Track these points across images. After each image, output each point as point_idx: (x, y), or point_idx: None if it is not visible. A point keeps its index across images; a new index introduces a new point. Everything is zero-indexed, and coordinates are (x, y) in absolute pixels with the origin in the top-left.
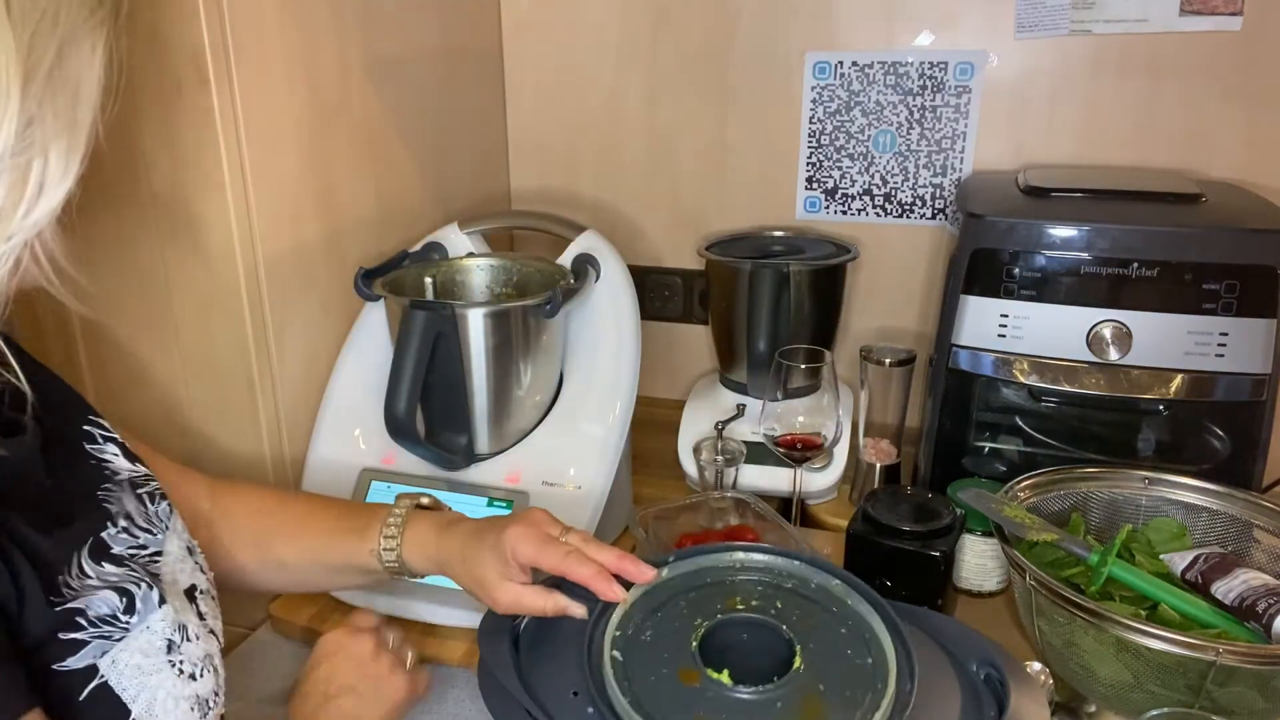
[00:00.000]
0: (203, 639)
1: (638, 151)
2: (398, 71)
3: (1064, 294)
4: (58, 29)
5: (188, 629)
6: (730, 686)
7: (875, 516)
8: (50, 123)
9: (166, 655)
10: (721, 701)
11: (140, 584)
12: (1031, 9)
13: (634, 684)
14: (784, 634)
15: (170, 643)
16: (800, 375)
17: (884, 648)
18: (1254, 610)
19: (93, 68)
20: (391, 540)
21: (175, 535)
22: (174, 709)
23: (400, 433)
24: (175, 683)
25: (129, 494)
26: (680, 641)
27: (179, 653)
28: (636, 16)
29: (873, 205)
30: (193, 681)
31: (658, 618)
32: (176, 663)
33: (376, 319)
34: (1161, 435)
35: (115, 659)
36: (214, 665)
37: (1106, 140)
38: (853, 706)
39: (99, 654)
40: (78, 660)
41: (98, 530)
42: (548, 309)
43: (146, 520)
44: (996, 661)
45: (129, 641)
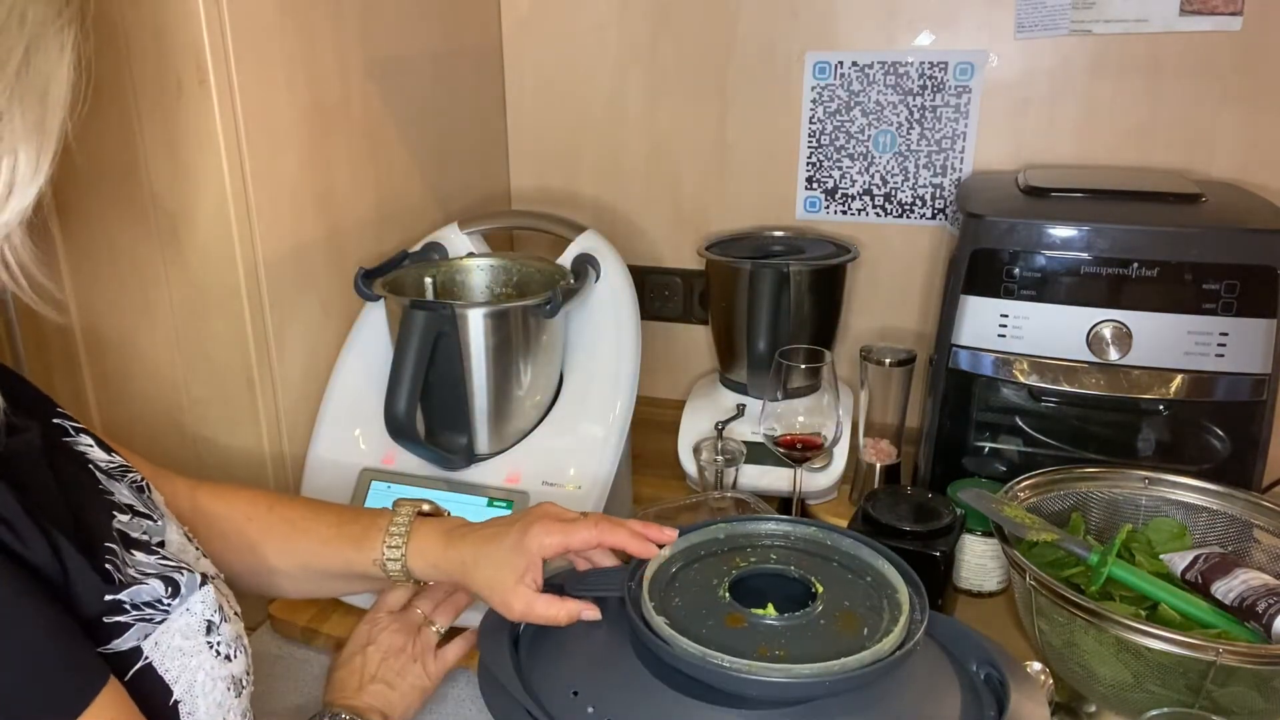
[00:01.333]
0: (231, 620)
1: (638, 151)
2: (398, 71)
3: (1064, 294)
4: (25, 29)
5: (224, 608)
6: (775, 617)
7: (875, 516)
8: (19, 123)
9: (205, 636)
10: (772, 632)
11: (182, 570)
12: (1031, 9)
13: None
14: (799, 577)
15: (209, 624)
16: (800, 375)
17: (890, 580)
18: (1254, 610)
19: (61, 67)
20: (396, 550)
21: (171, 523)
22: (212, 689)
23: (400, 433)
24: (213, 663)
25: (120, 483)
26: (710, 597)
27: (217, 634)
28: (636, 16)
29: (873, 205)
30: (228, 662)
31: (677, 586)
32: (214, 644)
33: (376, 319)
34: (1161, 435)
35: (158, 641)
36: (244, 645)
37: (1106, 140)
38: (879, 614)
39: (142, 636)
40: (123, 642)
41: (113, 519)
42: (548, 309)
43: (145, 507)
44: (996, 661)
45: (170, 624)
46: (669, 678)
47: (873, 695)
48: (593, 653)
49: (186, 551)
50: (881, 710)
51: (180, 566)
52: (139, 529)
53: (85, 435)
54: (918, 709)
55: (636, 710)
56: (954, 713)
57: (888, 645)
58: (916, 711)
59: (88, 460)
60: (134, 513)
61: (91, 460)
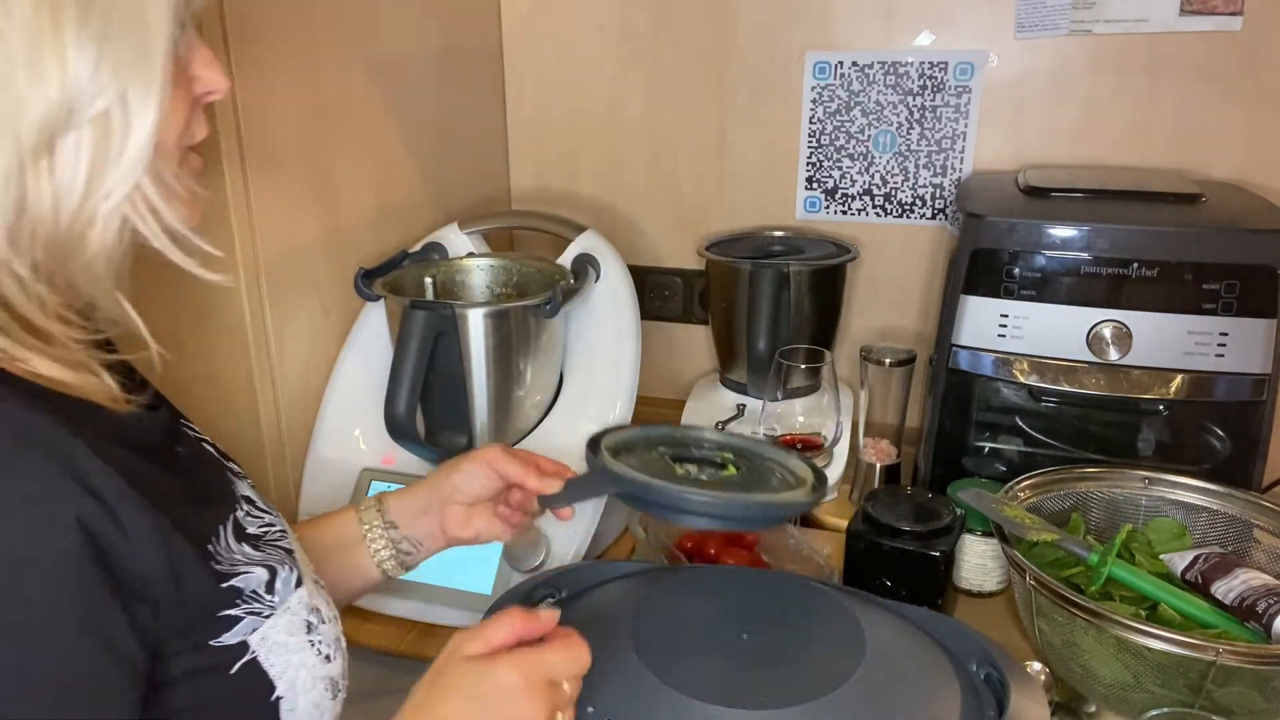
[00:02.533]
0: (331, 622)
1: (638, 151)
2: (398, 71)
3: (1064, 294)
4: None
5: (321, 611)
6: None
7: (875, 516)
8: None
9: (307, 635)
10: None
11: (282, 564)
12: (1031, 9)
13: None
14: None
15: (309, 623)
16: (800, 375)
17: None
18: (1254, 610)
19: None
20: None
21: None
22: (311, 689)
23: (400, 433)
24: (315, 662)
25: (241, 481)
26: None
27: (317, 633)
28: (636, 16)
29: (873, 205)
30: (328, 663)
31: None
32: (315, 643)
33: (376, 319)
34: (1161, 435)
35: (265, 635)
36: (342, 648)
37: (1106, 140)
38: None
39: (250, 630)
40: (232, 636)
41: (234, 509)
42: (548, 309)
43: (265, 505)
44: (996, 661)
45: (276, 619)
46: (669, 677)
47: (871, 694)
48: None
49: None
50: (881, 709)
51: (285, 561)
52: (258, 523)
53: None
54: (917, 708)
55: (636, 710)
56: (954, 712)
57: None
58: (916, 710)
59: (215, 454)
60: (254, 507)
61: (219, 454)
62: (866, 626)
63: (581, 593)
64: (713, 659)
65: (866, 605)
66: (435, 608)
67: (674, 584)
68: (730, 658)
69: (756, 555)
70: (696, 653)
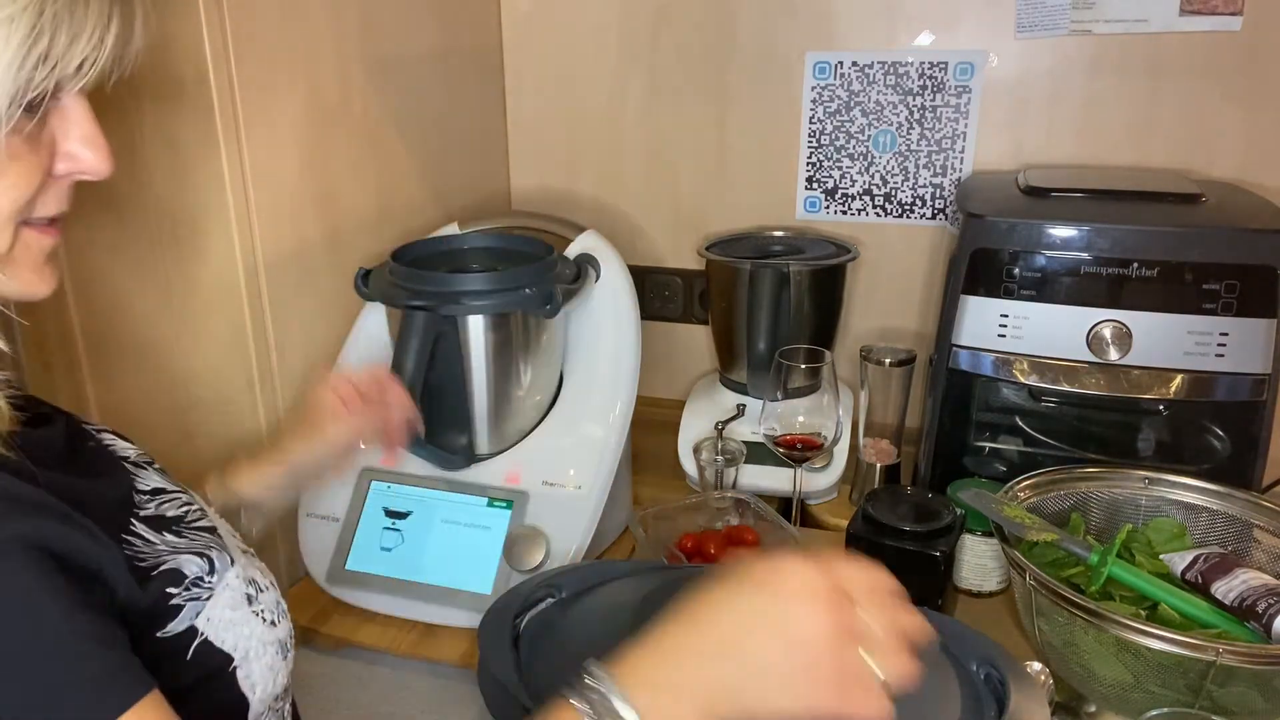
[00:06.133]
0: (270, 589)
1: (638, 151)
2: (398, 71)
3: (1064, 294)
4: None
5: (257, 580)
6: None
7: (875, 516)
8: None
9: (249, 607)
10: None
11: (210, 548)
12: (1031, 9)
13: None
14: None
15: (249, 595)
16: (800, 375)
17: None
18: (1254, 610)
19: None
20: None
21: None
22: (263, 653)
23: None
24: (262, 630)
25: (148, 470)
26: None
27: (258, 603)
28: (636, 16)
29: (873, 205)
30: (273, 627)
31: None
32: (259, 612)
33: (376, 319)
34: (1161, 435)
35: (209, 616)
36: (283, 611)
37: (1106, 140)
38: None
39: (194, 615)
40: (178, 624)
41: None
42: (548, 309)
43: (175, 486)
44: (997, 661)
45: (216, 599)
46: None
47: None
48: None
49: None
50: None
51: (212, 544)
52: (177, 507)
53: (106, 433)
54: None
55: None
56: (954, 712)
57: None
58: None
59: (115, 452)
60: (165, 494)
61: (118, 451)
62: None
63: (581, 593)
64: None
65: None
66: (435, 608)
67: (674, 584)
68: None
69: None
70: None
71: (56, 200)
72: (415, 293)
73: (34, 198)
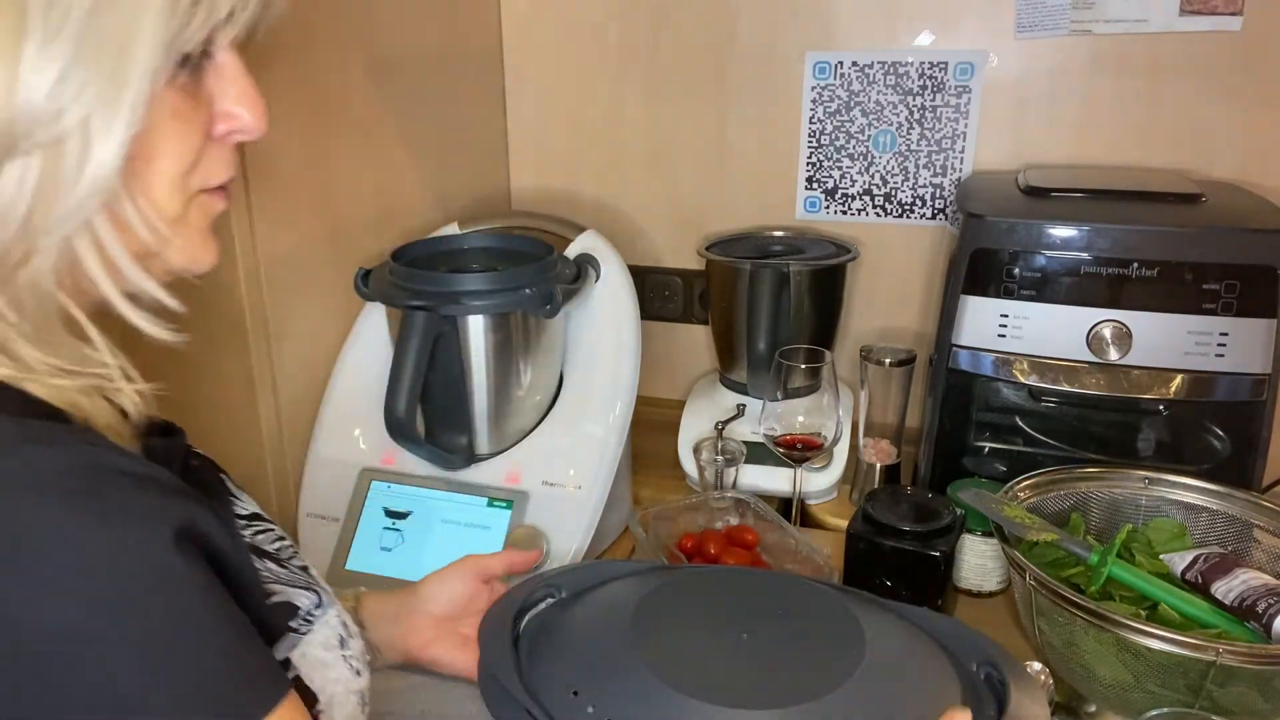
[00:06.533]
0: (356, 637)
1: (638, 151)
2: (398, 71)
3: (1064, 294)
4: None
5: (348, 625)
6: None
7: (875, 516)
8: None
9: (340, 650)
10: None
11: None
12: (1031, 9)
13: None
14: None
15: (341, 638)
16: (800, 375)
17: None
18: (1254, 610)
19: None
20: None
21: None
22: (345, 702)
23: (400, 433)
24: (348, 677)
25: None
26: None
27: (348, 648)
28: (636, 16)
29: (873, 205)
30: (358, 677)
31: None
32: (347, 657)
33: (376, 319)
34: (1161, 435)
35: (305, 652)
36: (366, 662)
37: (1106, 140)
38: None
39: (290, 647)
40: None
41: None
42: (548, 309)
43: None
44: (997, 661)
45: (313, 636)
46: (669, 677)
47: (871, 694)
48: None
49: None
50: (880, 709)
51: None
52: (270, 539)
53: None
54: (917, 707)
55: (636, 709)
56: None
57: None
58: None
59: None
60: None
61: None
62: (866, 626)
63: (581, 593)
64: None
65: (866, 605)
66: None
67: (674, 584)
68: (730, 657)
69: (756, 555)
70: (696, 652)
71: (223, 164)
72: (415, 293)
73: (199, 161)
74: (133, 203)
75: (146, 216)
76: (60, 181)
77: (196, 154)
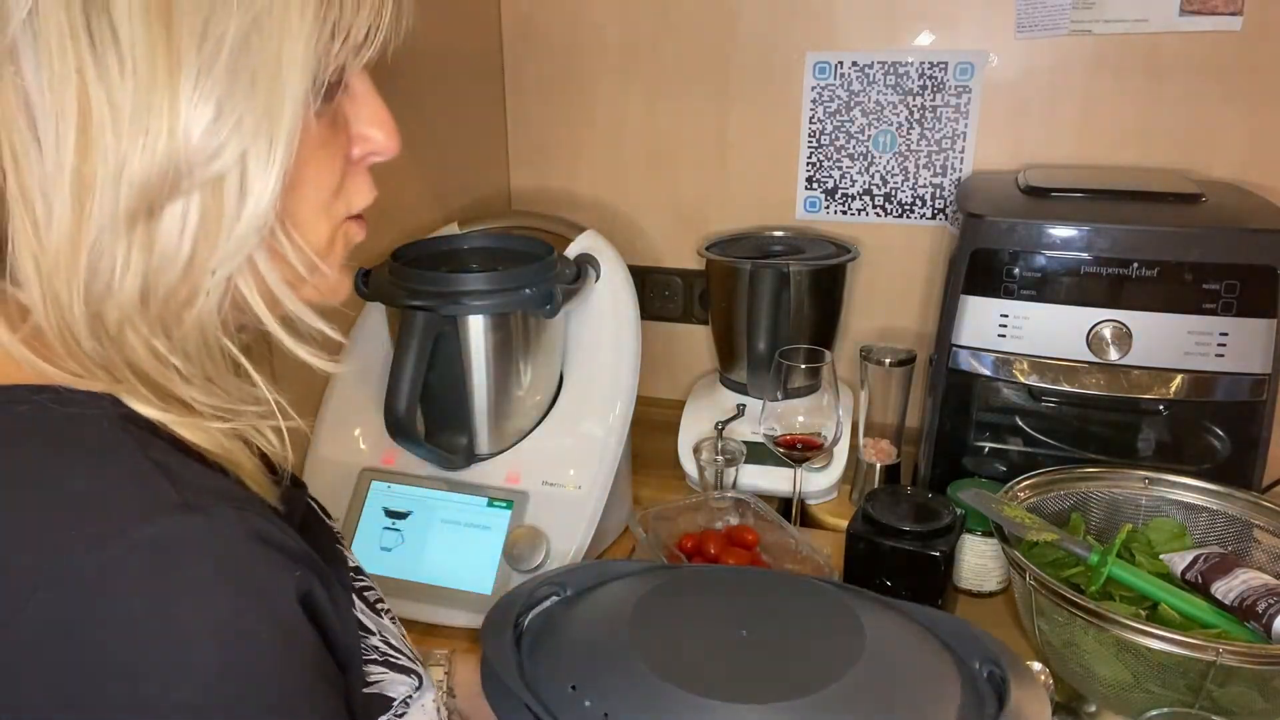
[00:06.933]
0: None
1: (638, 151)
2: (398, 71)
3: (1064, 294)
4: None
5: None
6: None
7: (875, 516)
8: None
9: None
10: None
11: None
12: (1031, 9)
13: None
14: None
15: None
16: (800, 375)
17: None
18: (1254, 610)
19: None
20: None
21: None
22: None
23: (400, 433)
24: None
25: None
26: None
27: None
28: (636, 16)
29: (873, 205)
30: None
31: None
32: None
33: (376, 319)
34: (1161, 435)
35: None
36: None
37: (1106, 140)
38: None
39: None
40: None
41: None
42: (548, 309)
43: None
44: (999, 659)
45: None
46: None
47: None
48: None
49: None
50: (881, 703)
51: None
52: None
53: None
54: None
55: (633, 703)
56: (953, 707)
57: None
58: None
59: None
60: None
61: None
62: (866, 623)
63: (583, 591)
64: (711, 655)
65: (866, 602)
66: (435, 608)
67: (673, 583)
68: (729, 653)
69: (756, 555)
70: (695, 648)
71: (366, 188)
72: (415, 293)
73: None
74: (286, 234)
75: (299, 246)
76: (222, 218)
77: (339, 180)
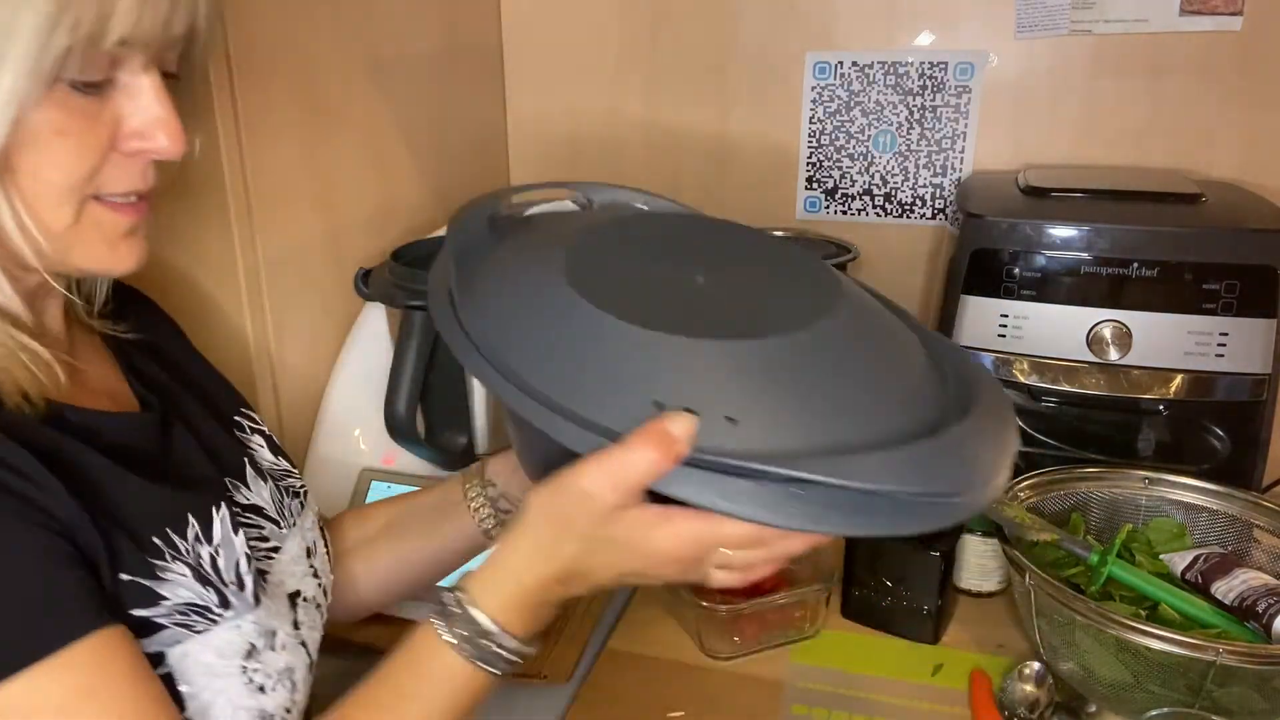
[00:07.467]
0: (289, 649)
1: (638, 151)
2: (398, 71)
3: (1064, 294)
4: None
5: (275, 636)
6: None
7: None
8: None
9: (242, 660)
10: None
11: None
12: (1031, 9)
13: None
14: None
15: (252, 647)
16: None
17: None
18: (1254, 610)
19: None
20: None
21: (299, 534)
22: (226, 718)
23: (400, 433)
24: (240, 691)
25: (266, 483)
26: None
27: (257, 660)
28: (636, 16)
29: (873, 205)
30: (260, 694)
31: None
32: (249, 669)
33: (376, 319)
34: (1161, 435)
35: (187, 651)
36: (292, 680)
37: (1106, 140)
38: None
39: (171, 643)
40: (148, 644)
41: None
42: None
43: (276, 512)
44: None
45: (210, 638)
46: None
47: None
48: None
49: (299, 564)
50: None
51: (240, 580)
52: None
53: (259, 436)
54: (887, 365)
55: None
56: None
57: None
58: (886, 365)
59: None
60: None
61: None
62: (843, 284)
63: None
64: (660, 294)
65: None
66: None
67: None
68: (682, 294)
69: None
70: (640, 286)
71: (127, 178)
72: (415, 293)
73: (95, 174)
74: (12, 211)
75: (24, 224)
76: None
77: (90, 168)
